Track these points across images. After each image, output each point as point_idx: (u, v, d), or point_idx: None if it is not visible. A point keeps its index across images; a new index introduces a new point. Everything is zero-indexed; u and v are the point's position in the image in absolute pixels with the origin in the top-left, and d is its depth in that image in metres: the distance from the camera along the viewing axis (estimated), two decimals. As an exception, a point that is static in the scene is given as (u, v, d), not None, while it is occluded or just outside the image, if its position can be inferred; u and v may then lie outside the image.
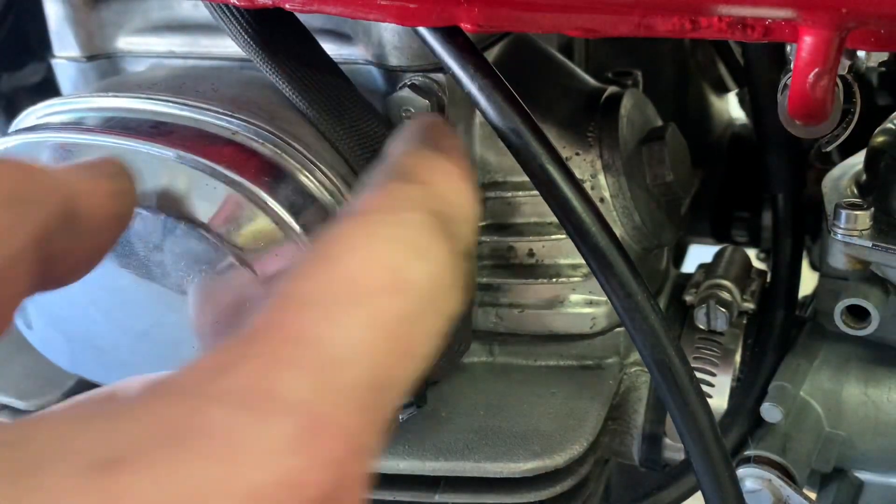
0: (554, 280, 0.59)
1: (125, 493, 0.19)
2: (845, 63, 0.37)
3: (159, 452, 0.20)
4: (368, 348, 0.24)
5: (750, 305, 0.63)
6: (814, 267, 0.78)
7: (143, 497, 0.19)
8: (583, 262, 0.44)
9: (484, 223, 0.59)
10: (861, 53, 0.38)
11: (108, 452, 0.19)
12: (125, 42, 0.60)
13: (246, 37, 0.46)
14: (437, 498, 0.56)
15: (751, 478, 0.55)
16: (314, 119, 0.48)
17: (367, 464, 0.23)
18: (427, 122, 0.37)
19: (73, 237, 0.30)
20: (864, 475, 0.60)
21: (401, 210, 0.29)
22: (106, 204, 0.31)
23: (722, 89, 0.94)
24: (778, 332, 0.62)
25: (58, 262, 0.29)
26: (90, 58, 0.60)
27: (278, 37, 0.47)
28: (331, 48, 0.49)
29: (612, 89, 0.61)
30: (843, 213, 0.51)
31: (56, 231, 0.28)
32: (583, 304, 0.60)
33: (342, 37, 0.53)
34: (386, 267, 0.27)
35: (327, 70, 0.48)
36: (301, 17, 0.48)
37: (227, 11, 0.46)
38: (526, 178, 0.41)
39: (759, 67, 0.60)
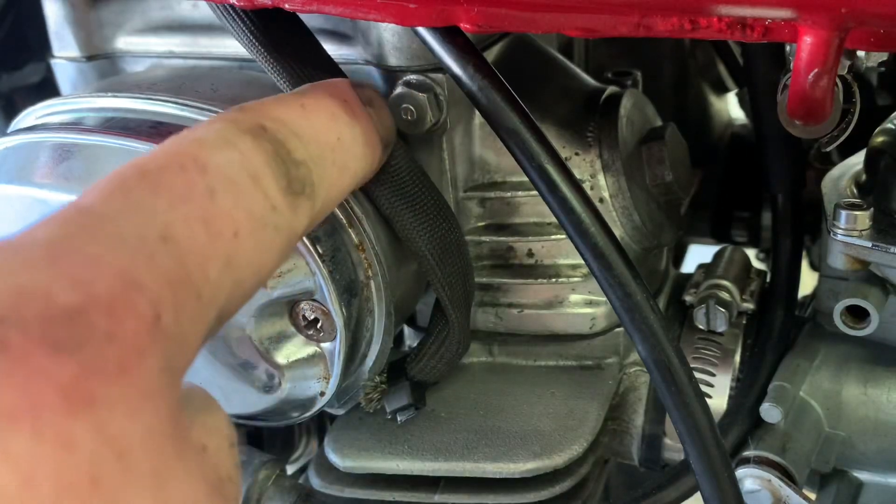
0: (553, 280, 0.59)
1: None
2: (845, 63, 0.37)
3: None
4: (107, 196, 0.30)
5: (749, 305, 0.63)
6: (814, 267, 0.78)
7: None
8: (582, 262, 0.44)
9: (483, 223, 0.59)
10: (861, 53, 0.38)
11: None
12: (124, 42, 0.60)
13: (249, 35, 0.46)
14: (436, 498, 0.56)
15: (750, 478, 0.55)
16: None
17: (145, 303, 0.27)
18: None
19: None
20: (863, 475, 0.60)
21: (206, 126, 0.34)
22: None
23: (722, 89, 0.94)
24: (777, 332, 0.62)
25: None
26: (89, 58, 0.61)
27: (281, 36, 0.47)
28: (330, 48, 0.49)
29: (611, 89, 0.60)
30: (843, 213, 0.51)
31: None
32: (582, 304, 0.59)
33: (341, 37, 0.53)
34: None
35: (328, 70, 0.48)
36: (300, 16, 0.48)
37: (230, 10, 0.46)
38: (525, 178, 0.41)
39: (759, 67, 0.60)
